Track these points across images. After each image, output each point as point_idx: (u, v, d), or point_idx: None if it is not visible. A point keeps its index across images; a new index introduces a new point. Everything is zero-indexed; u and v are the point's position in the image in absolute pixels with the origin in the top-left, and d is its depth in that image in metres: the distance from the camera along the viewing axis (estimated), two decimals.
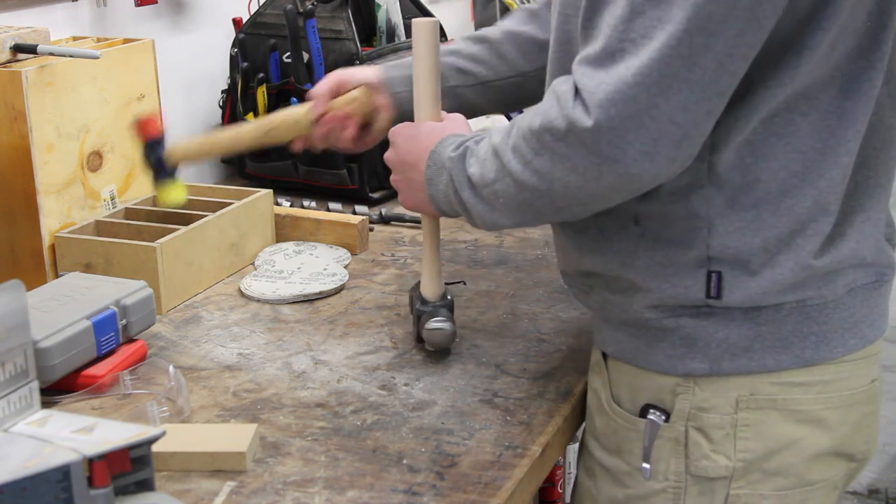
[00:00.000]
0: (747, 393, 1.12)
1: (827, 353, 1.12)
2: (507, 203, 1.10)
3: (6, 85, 1.48)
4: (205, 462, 1.11)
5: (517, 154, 1.06)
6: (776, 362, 1.11)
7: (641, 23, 0.96)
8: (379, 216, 1.85)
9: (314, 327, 1.45)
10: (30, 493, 0.88)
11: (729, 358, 1.11)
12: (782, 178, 1.06)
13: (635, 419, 1.17)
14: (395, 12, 2.06)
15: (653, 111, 0.96)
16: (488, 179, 1.11)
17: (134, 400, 1.26)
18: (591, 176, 1.01)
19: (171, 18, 2.01)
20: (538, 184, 1.05)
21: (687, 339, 1.12)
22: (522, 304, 1.52)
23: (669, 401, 1.14)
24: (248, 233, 1.67)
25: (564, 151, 1.01)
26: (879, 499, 2.95)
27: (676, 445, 1.15)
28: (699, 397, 1.13)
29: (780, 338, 1.11)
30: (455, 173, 1.16)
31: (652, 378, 1.15)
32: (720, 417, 1.12)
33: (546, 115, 1.02)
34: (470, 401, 1.25)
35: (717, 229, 1.08)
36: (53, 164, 1.54)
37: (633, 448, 1.18)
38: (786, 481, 1.14)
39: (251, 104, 1.97)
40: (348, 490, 1.07)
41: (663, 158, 0.99)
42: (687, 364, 1.13)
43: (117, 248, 1.50)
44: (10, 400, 0.97)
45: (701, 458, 1.14)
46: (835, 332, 1.12)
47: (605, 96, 0.97)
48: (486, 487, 1.07)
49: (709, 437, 1.13)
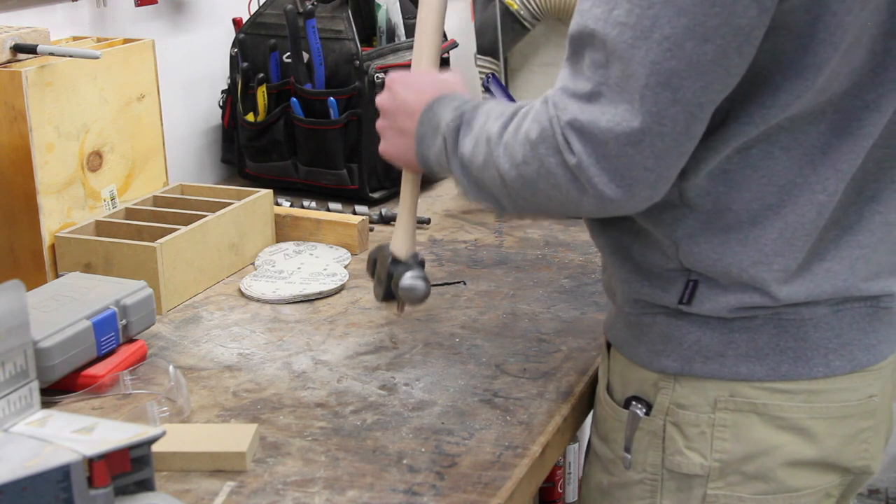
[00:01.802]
0: (726, 394, 1.11)
1: (806, 371, 1.10)
2: (492, 189, 1.10)
3: (6, 85, 1.48)
4: (205, 462, 1.11)
5: (508, 153, 1.06)
6: (750, 371, 1.10)
7: (613, 73, 0.97)
8: (379, 216, 1.85)
9: (314, 327, 1.45)
10: (30, 493, 0.88)
11: (701, 360, 1.12)
12: (755, 209, 1.06)
13: (620, 409, 1.19)
14: (395, 12, 2.06)
15: (624, 159, 0.97)
16: (478, 163, 1.10)
17: (134, 400, 1.26)
18: (572, 198, 1.02)
19: (171, 18, 2.01)
20: (521, 187, 1.06)
21: (663, 336, 1.14)
22: (522, 304, 1.52)
23: (652, 394, 1.16)
24: (248, 233, 1.67)
25: (553, 169, 1.01)
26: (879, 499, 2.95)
27: (654, 438, 1.16)
28: (678, 393, 1.14)
29: (755, 347, 1.10)
30: (449, 143, 1.15)
31: (638, 369, 1.17)
32: (696, 416, 1.13)
33: (542, 130, 1.02)
34: (470, 401, 1.25)
35: (683, 249, 1.08)
36: (53, 164, 1.54)
37: (617, 437, 1.20)
38: (766, 486, 1.13)
39: (251, 104, 1.97)
40: (348, 490, 1.07)
41: (639, 198, 1.00)
42: (662, 361, 1.14)
43: (117, 248, 1.50)
44: (10, 400, 0.97)
45: (675, 454, 1.15)
46: (815, 351, 1.10)
47: (585, 136, 0.98)
48: (486, 487, 1.07)
49: (684, 433, 1.14)
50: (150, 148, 1.73)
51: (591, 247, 1.69)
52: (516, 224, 1.83)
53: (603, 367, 1.25)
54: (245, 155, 2.02)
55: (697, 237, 1.07)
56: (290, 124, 1.95)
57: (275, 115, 1.95)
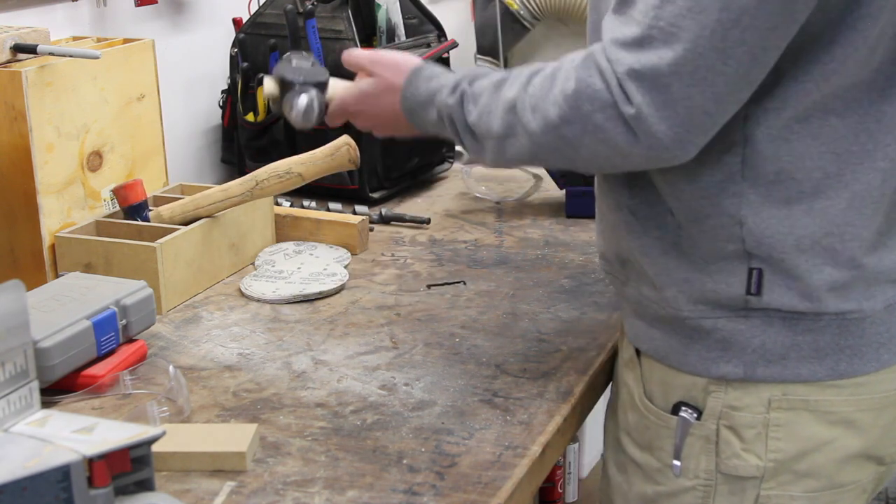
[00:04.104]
0: (779, 393, 1.11)
1: (860, 367, 1.11)
2: (517, 154, 1.10)
3: (6, 85, 1.48)
4: (205, 462, 1.11)
5: (539, 115, 1.05)
6: (810, 372, 1.11)
7: (672, 11, 0.96)
8: (379, 216, 1.85)
9: (314, 327, 1.45)
10: (30, 493, 0.88)
11: (764, 364, 1.11)
12: (817, 177, 1.06)
13: (667, 416, 1.17)
14: (395, 12, 2.06)
15: (686, 101, 0.97)
16: (496, 132, 1.10)
17: (134, 400, 1.26)
18: (621, 151, 1.02)
19: (171, 18, 2.01)
20: (562, 146, 1.05)
21: (723, 342, 1.12)
22: (522, 304, 1.51)
23: (701, 399, 1.14)
24: (248, 233, 1.67)
25: (602, 123, 1.01)
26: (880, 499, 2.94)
27: (707, 443, 1.15)
28: (731, 396, 1.13)
29: (817, 348, 1.10)
30: (456, 118, 1.14)
31: (685, 376, 1.15)
32: (752, 417, 1.12)
33: (586, 84, 1.01)
34: (470, 401, 1.25)
35: (748, 225, 1.07)
36: (53, 164, 1.54)
37: (664, 445, 1.18)
38: (816, 483, 1.13)
39: (251, 104, 1.97)
40: (348, 490, 1.07)
41: (692, 145, 1.01)
42: (721, 367, 1.13)
43: (117, 248, 1.50)
44: (10, 400, 0.97)
45: (732, 457, 1.14)
46: (870, 346, 1.11)
47: (646, 83, 0.97)
48: (486, 487, 1.07)
49: (740, 435, 1.13)
50: (150, 148, 1.73)
51: (590, 247, 1.69)
52: (516, 224, 1.83)
53: (633, 375, 1.22)
54: (245, 155, 2.02)
55: (762, 211, 1.07)
56: (289, 124, 1.94)
57: (275, 115, 1.95)
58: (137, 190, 1.59)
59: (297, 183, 1.58)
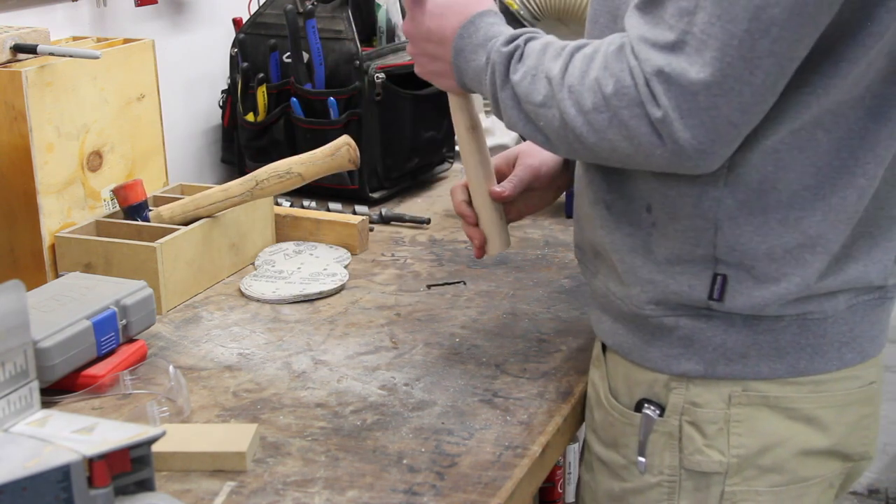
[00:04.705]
0: (739, 389, 1.12)
1: (822, 365, 1.12)
2: (546, 127, 1.09)
3: (6, 85, 1.48)
4: (205, 462, 1.11)
5: (574, 97, 1.04)
6: (770, 370, 1.11)
7: (700, 20, 0.95)
8: (379, 216, 1.85)
9: (314, 327, 1.45)
10: (30, 493, 0.88)
11: (724, 363, 1.12)
12: (795, 189, 1.06)
13: (631, 413, 1.18)
14: (395, 12, 2.06)
15: (713, 111, 0.97)
16: (535, 100, 1.09)
17: (134, 400, 1.26)
18: (644, 151, 1.01)
19: (171, 18, 2.01)
20: (587, 134, 1.04)
21: (684, 339, 1.13)
22: (522, 304, 1.51)
23: (664, 395, 1.15)
24: (248, 233, 1.67)
25: (628, 121, 1.00)
26: (879, 499, 2.95)
27: (670, 440, 1.15)
28: (692, 392, 1.13)
29: (777, 347, 1.11)
30: (499, 70, 1.12)
31: (647, 372, 1.16)
32: (713, 412, 1.13)
33: (617, 78, 1.01)
34: (470, 401, 1.25)
35: (723, 230, 1.07)
36: (53, 164, 1.54)
37: (629, 442, 1.18)
38: (780, 477, 1.14)
39: (251, 104, 1.97)
40: (348, 490, 1.07)
41: (716, 156, 1.00)
42: (682, 364, 1.13)
43: (117, 248, 1.50)
44: (10, 400, 0.97)
45: (694, 453, 1.14)
46: (831, 346, 1.12)
47: (673, 87, 0.96)
48: (486, 487, 1.07)
49: (702, 431, 1.14)
50: (150, 148, 1.73)
51: None
52: (516, 224, 1.83)
53: (599, 373, 1.24)
54: (245, 155, 2.02)
55: (737, 217, 1.07)
56: (290, 124, 1.95)
57: (275, 115, 1.95)
58: (137, 190, 1.59)
59: (297, 183, 1.58)
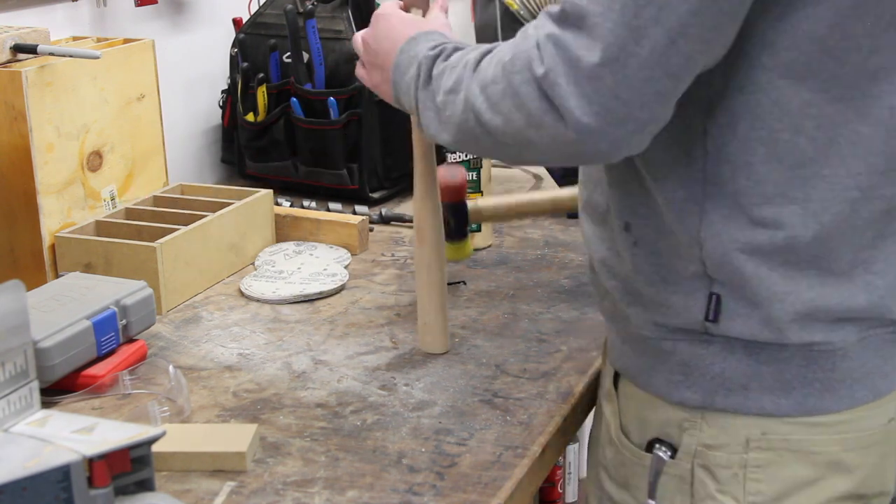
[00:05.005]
0: (758, 432, 1.04)
1: (832, 404, 1.04)
2: (451, 117, 1.05)
3: (6, 85, 1.48)
4: (205, 462, 1.11)
5: (479, 75, 1.02)
6: (775, 406, 1.04)
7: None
8: (379, 216, 1.85)
9: (314, 327, 1.45)
10: (30, 493, 0.88)
11: (724, 393, 1.05)
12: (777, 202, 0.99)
13: (641, 453, 1.11)
14: None
15: (595, 82, 0.91)
16: (447, 87, 1.06)
17: (134, 400, 1.26)
18: (534, 121, 0.95)
19: (171, 18, 2.01)
20: (483, 110, 1.00)
21: (683, 366, 1.07)
22: (522, 304, 1.51)
23: (677, 436, 1.08)
24: (248, 233, 1.67)
25: (518, 86, 0.96)
26: None
27: (682, 483, 1.08)
28: (707, 434, 1.06)
29: (781, 380, 1.04)
30: (423, 69, 1.10)
31: (659, 410, 1.10)
32: (728, 457, 1.05)
33: (515, 47, 0.98)
34: (470, 401, 1.25)
35: (707, 248, 1.02)
36: (53, 164, 1.54)
37: (639, 483, 1.12)
38: None
39: (251, 104, 1.97)
40: (348, 490, 1.07)
41: (605, 134, 0.93)
42: (682, 392, 1.07)
43: (117, 248, 1.50)
44: (10, 400, 0.97)
45: (706, 499, 1.07)
46: (842, 382, 1.04)
47: (556, 52, 0.92)
48: (486, 487, 1.07)
49: (715, 476, 1.06)
50: (150, 148, 1.73)
51: None
52: (516, 224, 1.83)
53: (611, 408, 1.17)
54: (245, 155, 2.02)
55: (721, 233, 1.00)
56: (290, 124, 1.95)
57: (275, 115, 1.95)
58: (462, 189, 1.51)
59: None
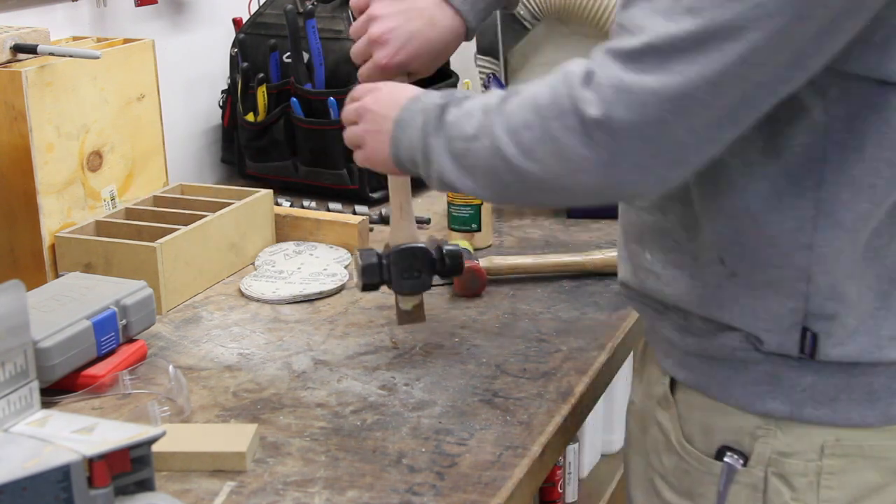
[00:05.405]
0: (833, 439, 1.03)
1: None
2: (476, 164, 1.02)
3: (6, 85, 1.48)
4: (205, 462, 1.11)
5: (505, 119, 0.98)
6: (861, 417, 1.03)
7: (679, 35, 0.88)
8: (379, 216, 1.85)
9: (314, 327, 1.45)
10: (30, 493, 0.88)
11: (812, 405, 1.03)
12: None
13: (710, 461, 1.08)
14: None
15: (661, 126, 0.90)
16: (467, 134, 1.02)
17: (134, 400, 1.26)
18: (573, 167, 0.94)
19: (171, 18, 2.01)
20: (515, 155, 0.97)
21: (771, 376, 1.04)
22: (522, 304, 1.51)
23: (748, 444, 1.06)
24: (248, 233, 1.67)
25: (557, 132, 0.93)
26: None
27: (754, 492, 1.06)
28: (782, 442, 1.04)
29: (870, 391, 1.02)
30: (431, 117, 1.06)
31: (729, 417, 1.07)
32: (804, 464, 1.04)
33: (553, 91, 0.95)
34: (470, 401, 1.25)
35: (815, 282, 0.99)
36: (53, 164, 1.54)
37: (706, 492, 1.09)
38: None
39: (251, 104, 1.97)
40: (348, 490, 1.07)
41: (654, 177, 0.93)
42: (767, 403, 1.04)
43: (117, 248, 1.50)
44: (10, 400, 0.97)
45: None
46: None
47: (619, 94, 0.90)
48: (486, 487, 1.07)
49: (791, 484, 1.04)
50: (150, 148, 1.73)
51: (590, 247, 1.69)
52: (516, 224, 1.83)
53: (667, 416, 1.13)
54: (245, 155, 2.02)
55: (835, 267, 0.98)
56: (290, 124, 1.95)
57: (275, 115, 1.95)
58: None
59: None
